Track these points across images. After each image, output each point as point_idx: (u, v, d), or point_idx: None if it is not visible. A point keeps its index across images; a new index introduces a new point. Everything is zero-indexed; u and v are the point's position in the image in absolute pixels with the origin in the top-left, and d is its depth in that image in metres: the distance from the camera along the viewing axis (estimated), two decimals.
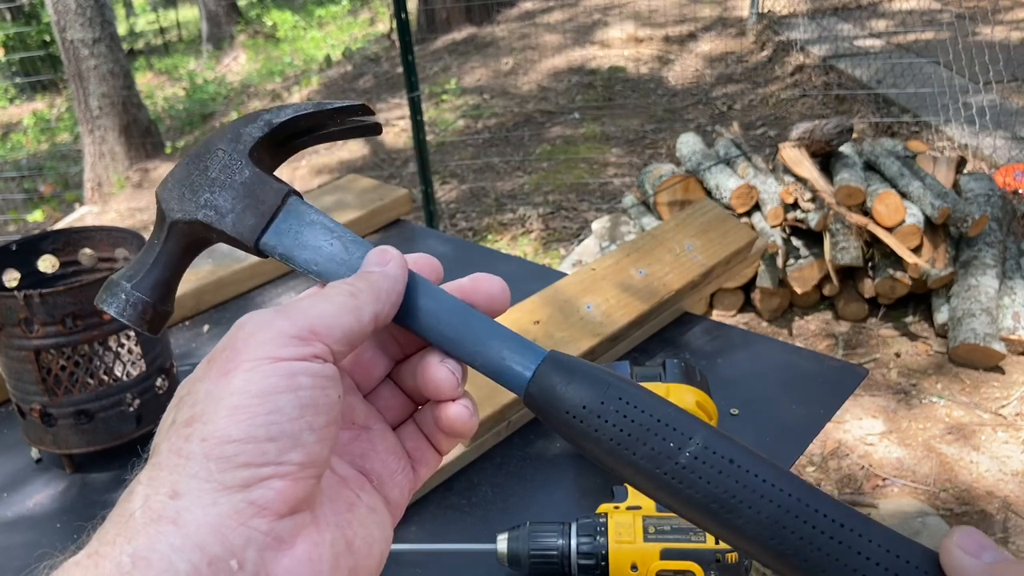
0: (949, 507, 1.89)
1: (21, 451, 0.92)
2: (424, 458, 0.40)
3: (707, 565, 0.65)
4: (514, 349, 0.37)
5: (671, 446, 0.33)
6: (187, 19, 11.23)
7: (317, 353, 0.32)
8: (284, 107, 0.41)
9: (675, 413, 0.35)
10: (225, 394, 0.30)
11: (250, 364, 0.31)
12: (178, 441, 0.30)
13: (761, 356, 1.01)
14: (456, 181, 4.14)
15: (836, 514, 0.32)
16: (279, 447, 0.30)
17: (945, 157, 2.75)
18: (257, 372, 0.31)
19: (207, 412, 0.30)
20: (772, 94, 4.55)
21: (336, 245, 0.38)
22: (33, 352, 0.82)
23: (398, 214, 1.39)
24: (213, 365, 0.32)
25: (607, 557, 0.66)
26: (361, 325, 0.34)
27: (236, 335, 0.33)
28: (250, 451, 0.29)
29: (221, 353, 0.32)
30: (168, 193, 0.40)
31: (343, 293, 0.35)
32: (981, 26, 4.61)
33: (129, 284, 0.39)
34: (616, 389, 0.35)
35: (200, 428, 0.30)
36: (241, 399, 0.30)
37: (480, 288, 0.38)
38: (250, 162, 0.39)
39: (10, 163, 6.34)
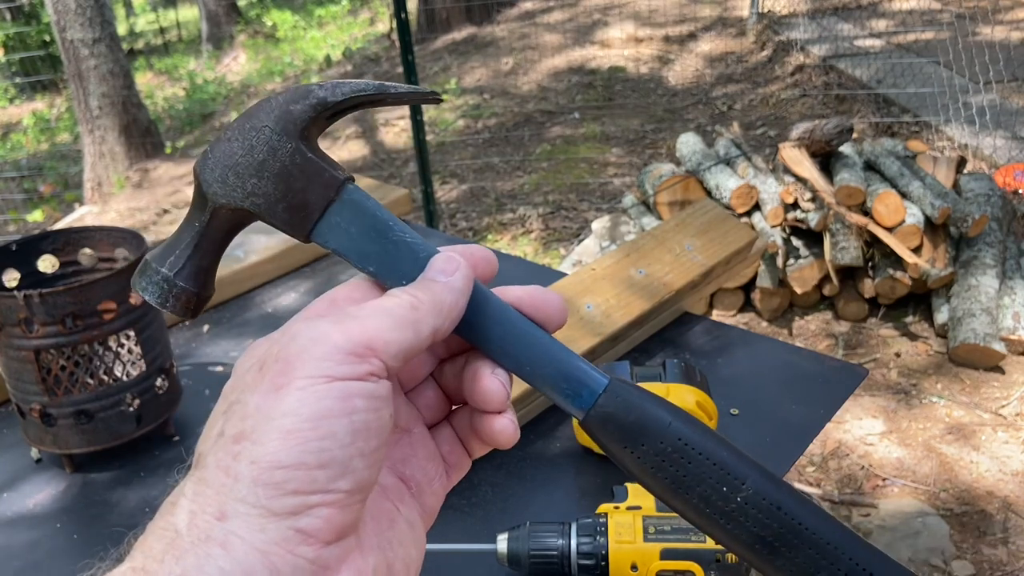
0: (949, 507, 1.89)
1: (21, 451, 0.92)
2: (458, 463, 0.39)
3: (707, 565, 0.65)
4: (576, 373, 0.36)
5: (724, 490, 0.35)
6: (187, 19, 11.23)
7: (373, 371, 0.31)
8: (340, 83, 0.37)
9: (730, 456, 0.35)
10: (277, 414, 0.29)
11: (303, 382, 0.30)
12: (226, 458, 0.29)
13: (761, 356, 1.00)
14: (456, 181, 4.14)
15: (868, 562, 0.34)
16: (329, 475, 0.29)
17: (945, 157, 2.75)
18: (311, 392, 0.30)
19: (258, 431, 0.29)
20: (772, 94, 4.55)
21: (393, 243, 0.35)
22: (33, 352, 0.81)
23: (398, 214, 1.39)
24: (265, 375, 0.31)
25: (607, 557, 0.66)
26: (419, 340, 0.33)
27: (290, 345, 0.31)
28: (300, 478, 0.29)
29: (274, 364, 0.31)
30: (211, 174, 0.35)
31: (403, 306, 0.33)
32: (981, 26, 4.61)
33: (171, 272, 0.36)
34: (676, 430, 0.35)
35: (250, 449, 0.29)
36: (294, 422, 0.29)
37: (539, 303, 0.37)
38: (301, 145, 0.35)
39: (10, 163, 6.34)
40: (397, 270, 0.35)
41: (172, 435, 0.93)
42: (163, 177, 5.24)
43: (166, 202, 4.79)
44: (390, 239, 0.36)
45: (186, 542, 0.28)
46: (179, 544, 0.28)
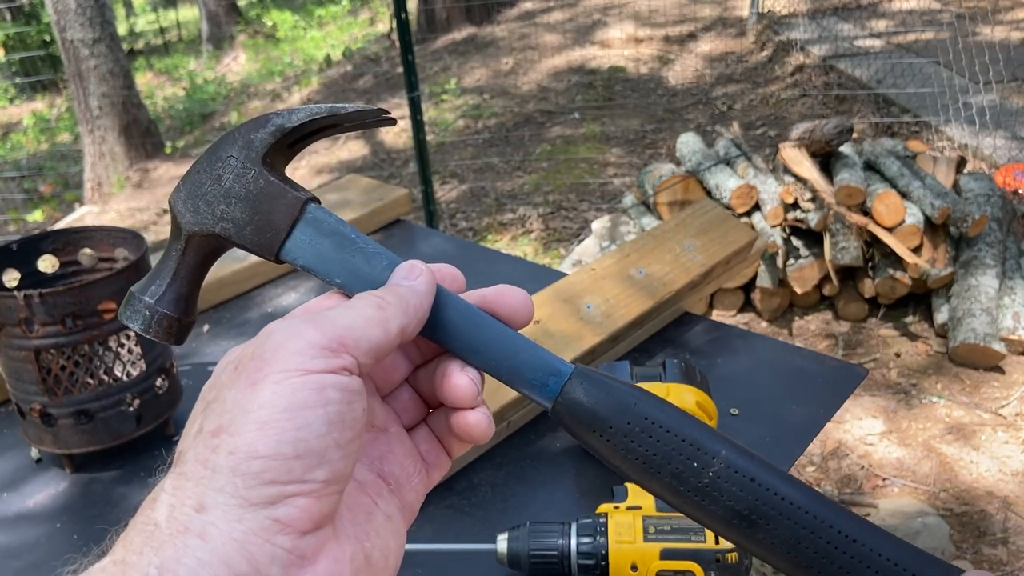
0: (949, 507, 1.89)
1: (21, 451, 0.92)
2: (437, 461, 0.40)
3: (707, 565, 0.65)
4: (541, 364, 0.37)
5: (695, 466, 0.35)
6: (187, 19, 11.23)
7: (345, 365, 0.32)
8: (296, 110, 0.40)
9: (699, 432, 0.35)
10: (253, 406, 0.30)
11: (279, 376, 0.31)
12: (204, 451, 0.30)
13: (761, 356, 1.00)
14: (456, 181, 4.14)
15: (850, 529, 0.34)
16: (305, 464, 0.30)
17: (945, 157, 2.75)
18: (286, 385, 0.30)
19: (235, 424, 0.30)
20: (772, 94, 4.55)
21: (358, 255, 0.38)
22: (33, 352, 0.81)
23: (398, 214, 1.39)
24: (241, 373, 0.32)
25: (607, 557, 0.66)
26: (388, 338, 0.34)
27: (265, 343, 0.32)
28: (277, 468, 0.29)
29: (250, 361, 0.32)
30: (183, 204, 0.39)
31: (371, 305, 0.35)
32: (981, 26, 4.61)
33: (152, 300, 0.38)
34: (642, 409, 0.36)
35: (227, 440, 0.30)
36: (270, 413, 0.30)
37: (504, 300, 0.39)
38: (264, 170, 0.38)
39: (10, 163, 6.34)
40: (364, 281, 0.37)
41: (172, 435, 0.93)
42: (163, 177, 5.24)
43: (166, 202, 4.78)
44: (354, 253, 0.38)
45: (165, 534, 0.28)
46: (158, 536, 0.28)
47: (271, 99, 6.63)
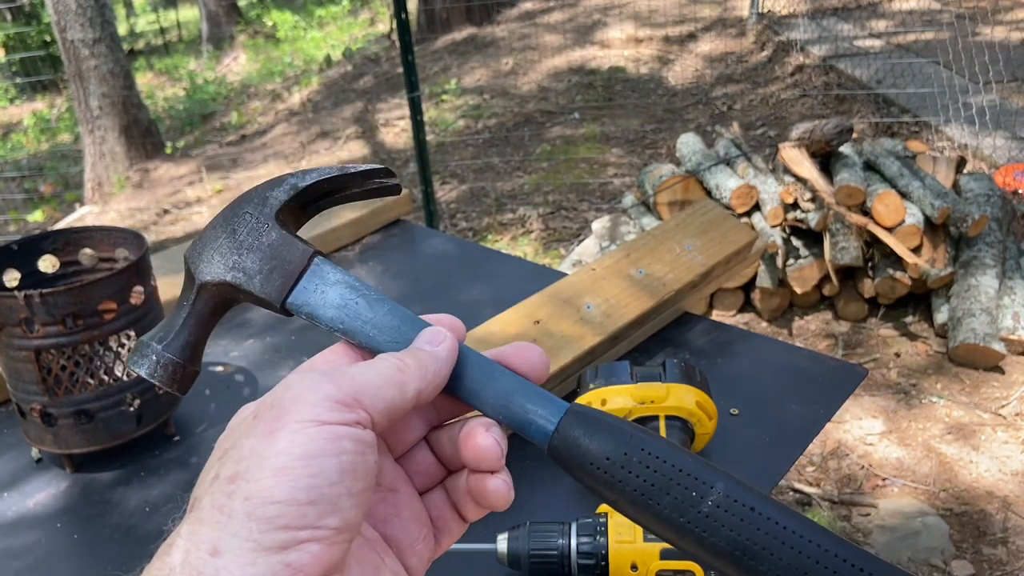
0: (949, 507, 1.89)
1: (21, 451, 0.92)
2: (448, 527, 0.40)
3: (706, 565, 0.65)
4: (536, 402, 0.38)
5: (693, 495, 0.34)
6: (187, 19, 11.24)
7: (360, 420, 0.33)
8: (309, 171, 0.43)
9: (696, 463, 0.35)
10: (270, 454, 0.31)
11: (296, 425, 0.32)
12: (221, 497, 0.31)
13: (761, 356, 1.01)
14: (456, 181, 4.15)
15: (856, 559, 0.33)
16: (318, 511, 0.30)
17: (945, 157, 2.75)
18: (302, 434, 0.31)
19: (251, 470, 0.31)
20: (772, 94, 4.55)
21: (361, 303, 0.39)
22: (33, 352, 0.82)
23: (398, 214, 1.39)
24: (259, 422, 0.33)
25: (607, 557, 0.66)
26: (404, 400, 0.35)
27: (283, 395, 0.33)
28: (291, 513, 0.30)
29: (268, 411, 0.33)
30: (197, 256, 0.41)
31: (391, 367, 0.35)
32: (981, 26, 4.61)
33: (160, 346, 0.40)
34: (638, 440, 0.36)
35: (244, 486, 0.30)
36: (286, 460, 0.31)
37: (521, 355, 0.39)
38: (276, 224, 0.40)
39: (10, 163, 6.35)
40: (366, 326, 0.39)
41: (172, 435, 0.93)
42: (163, 177, 5.24)
43: (166, 202, 4.79)
44: (357, 300, 0.39)
45: None
46: None
47: (271, 99, 6.63)
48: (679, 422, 0.78)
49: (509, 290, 1.13)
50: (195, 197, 4.76)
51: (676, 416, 0.78)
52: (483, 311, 1.04)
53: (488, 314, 0.96)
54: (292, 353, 1.06)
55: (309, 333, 1.10)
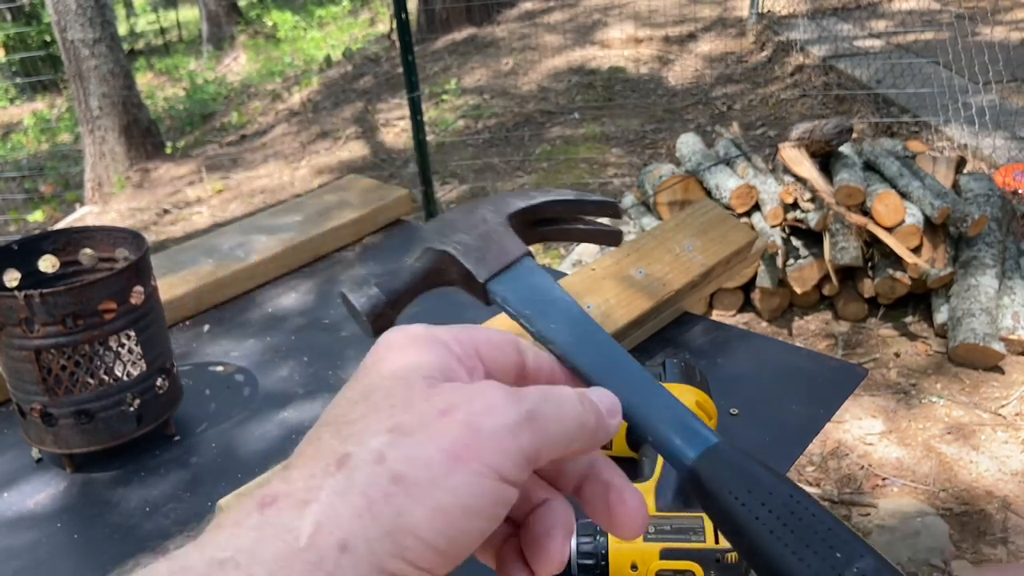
0: (948, 507, 1.89)
1: (21, 451, 0.92)
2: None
3: (707, 565, 0.65)
4: (689, 425, 0.37)
5: (838, 556, 0.31)
6: (187, 19, 11.24)
7: (524, 481, 0.30)
8: (549, 190, 0.48)
9: (846, 528, 0.33)
10: (444, 484, 0.27)
11: (482, 468, 0.28)
12: (376, 492, 0.27)
13: (761, 356, 1.01)
14: (456, 181, 4.15)
15: None
16: (439, 563, 0.28)
17: (945, 157, 2.75)
18: (479, 485, 0.28)
19: (418, 488, 0.27)
20: (772, 94, 4.55)
21: (550, 307, 0.41)
22: (33, 352, 0.82)
23: (399, 214, 1.39)
24: (446, 418, 0.29)
25: (607, 557, 0.66)
26: (561, 455, 0.32)
27: (475, 404, 0.29)
28: (421, 554, 0.27)
29: (457, 413, 0.29)
30: (431, 228, 0.47)
31: (575, 422, 0.32)
32: (981, 26, 4.61)
33: (377, 288, 0.44)
34: (787, 485, 0.34)
35: (402, 501, 0.27)
36: (452, 502, 0.27)
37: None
38: (504, 221, 0.46)
39: (11, 163, 6.35)
40: (547, 329, 0.40)
41: (172, 435, 0.93)
42: (163, 177, 5.24)
43: (166, 202, 4.79)
44: (548, 304, 0.42)
45: (300, 559, 0.26)
46: (293, 557, 0.26)
47: (271, 99, 6.63)
48: None
49: None
50: (195, 197, 4.76)
51: None
52: (483, 312, 1.04)
53: (487, 315, 0.96)
54: (292, 353, 1.06)
55: (310, 333, 1.10)
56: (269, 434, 0.91)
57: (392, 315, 0.44)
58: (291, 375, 1.02)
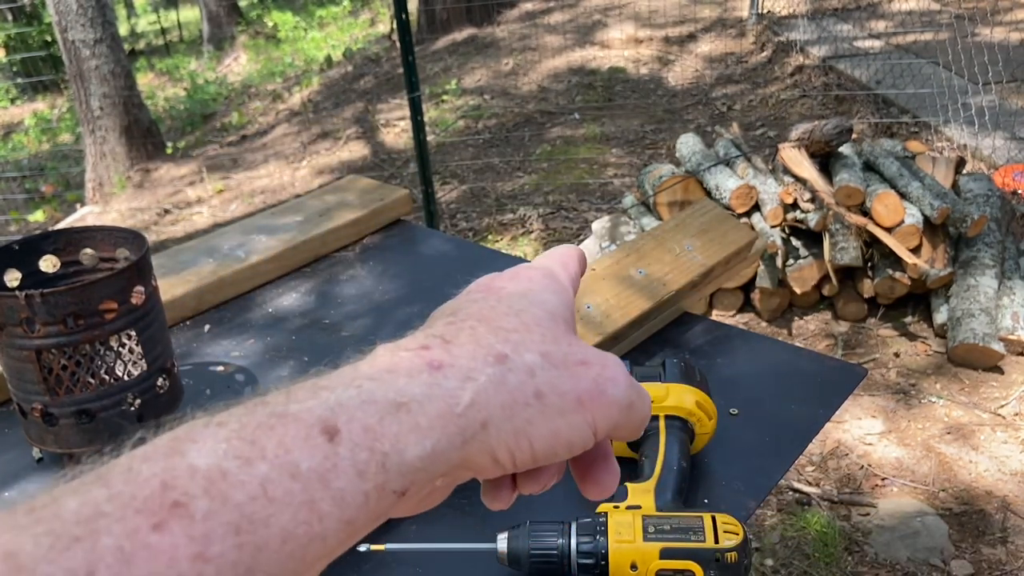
0: (948, 507, 1.89)
1: (22, 451, 0.92)
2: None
3: (707, 564, 0.65)
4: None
5: None
6: (188, 20, 11.25)
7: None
8: None
9: None
10: (566, 415, 0.32)
11: (590, 418, 0.33)
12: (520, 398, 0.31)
13: (761, 356, 1.01)
14: (456, 181, 4.15)
15: None
16: (526, 465, 0.32)
17: (944, 157, 2.76)
18: (584, 430, 0.33)
19: (548, 411, 0.32)
20: (772, 95, 4.55)
21: None
22: (34, 352, 0.82)
23: (399, 214, 1.40)
24: (585, 372, 0.33)
25: (607, 556, 0.67)
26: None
27: (606, 370, 0.34)
28: (525, 455, 0.32)
29: (592, 367, 0.33)
30: None
31: (633, 435, 0.36)
32: (980, 27, 4.61)
33: None
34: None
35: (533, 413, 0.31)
36: (564, 431, 0.32)
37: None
38: None
39: (11, 163, 6.35)
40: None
41: None
42: (164, 177, 5.24)
43: (167, 202, 4.79)
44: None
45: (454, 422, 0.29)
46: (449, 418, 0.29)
47: (272, 99, 6.63)
48: (679, 422, 0.78)
49: None
50: (196, 197, 4.77)
51: (676, 416, 0.78)
52: None
53: None
54: (292, 353, 1.06)
55: (310, 333, 1.11)
56: None
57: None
58: (291, 375, 1.02)
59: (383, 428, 0.27)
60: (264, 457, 0.25)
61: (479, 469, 0.31)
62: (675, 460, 0.74)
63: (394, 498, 0.28)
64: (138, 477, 0.24)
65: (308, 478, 0.25)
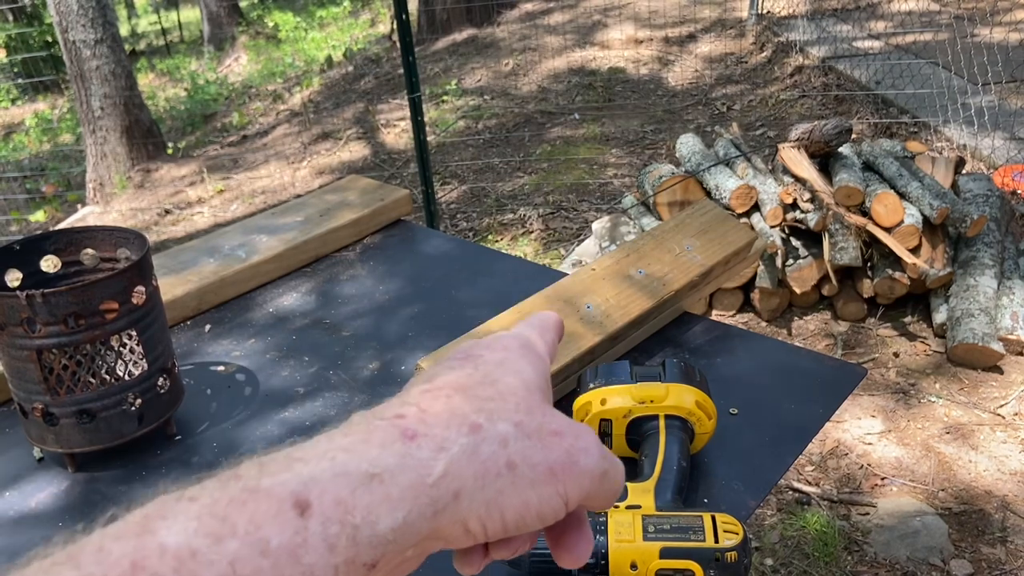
0: (948, 506, 1.89)
1: (23, 450, 0.93)
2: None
3: (706, 564, 0.65)
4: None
5: None
6: (189, 20, 11.25)
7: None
8: None
9: None
10: (537, 486, 0.32)
11: (562, 490, 0.33)
12: (492, 469, 0.31)
13: (760, 356, 1.01)
14: (456, 182, 4.15)
15: None
16: (497, 535, 0.32)
17: (944, 157, 2.76)
18: (556, 501, 0.33)
19: (520, 482, 0.32)
20: (771, 95, 4.56)
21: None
22: (35, 352, 0.82)
23: (399, 214, 1.40)
24: (558, 443, 0.33)
25: (607, 556, 0.67)
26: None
27: (579, 440, 0.34)
28: (496, 525, 0.32)
29: (564, 438, 0.33)
30: None
31: (605, 506, 0.36)
32: (979, 27, 4.61)
33: None
34: None
35: (505, 484, 0.31)
36: (535, 503, 0.32)
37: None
38: None
39: (12, 163, 6.36)
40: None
41: (174, 434, 0.93)
42: (165, 177, 5.24)
43: (168, 202, 4.79)
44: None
45: (426, 493, 0.30)
46: (421, 489, 0.30)
47: (272, 100, 6.64)
48: (678, 421, 0.78)
49: (509, 290, 1.14)
50: (196, 197, 4.77)
51: (675, 415, 0.78)
52: (483, 311, 1.04)
53: (488, 314, 0.97)
54: (293, 353, 1.07)
55: (310, 333, 1.11)
56: (270, 433, 0.92)
57: None
58: (292, 375, 1.02)
59: (355, 500, 0.28)
60: (235, 534, 0.25)
61: (451, 539, 0.31)
62: (675, 460, 0.75)
63: (364, 571, 0.28)
64: (109, 557, 0.24)
65: (278, 555, 0.25)
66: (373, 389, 0.98)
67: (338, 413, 0.93)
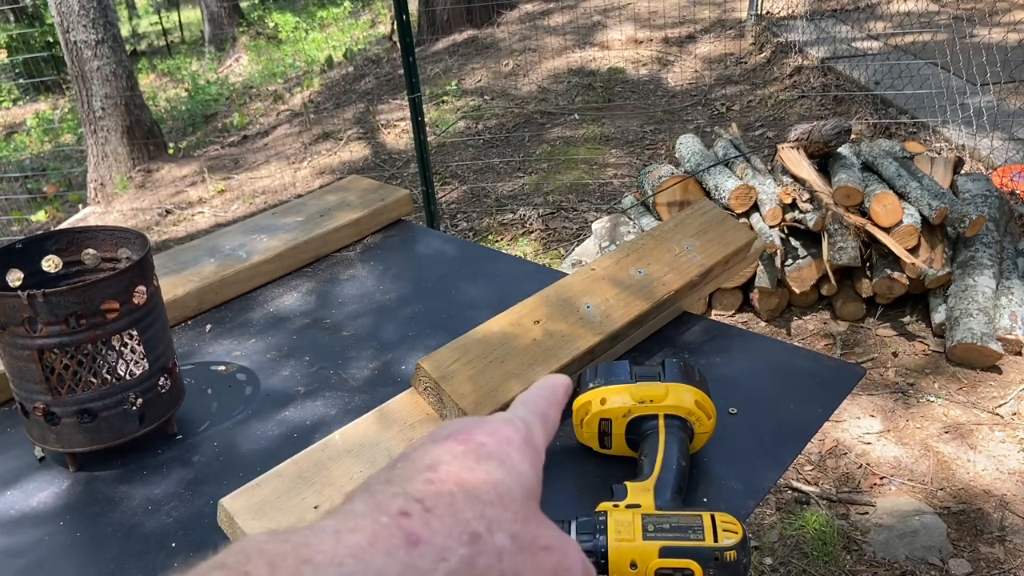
0: (947, 506, 1.89)
1: (24, 450, 0.93)
2: None
3: (706, 563, 0.65)
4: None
5: None
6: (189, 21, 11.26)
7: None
8: None
9: None
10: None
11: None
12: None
13: (760, 356, 1.01)
14: (457, 182, 4.15)
15: None
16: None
17: (943, 158, 2.76)
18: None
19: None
20: (771, 95, 4.56)
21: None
22: (36, 351, 0.82)
23: (399, 214, 1.40)
24: (547, 558, 0.34)
25: (607, 555, 0.67)
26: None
27: (566, 557, 0.35)
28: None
29: (553, 554, 0.35)
30: None
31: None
32: (978, 28, 4.62)
33: None
34: None
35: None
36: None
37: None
38: None
39: (14, 164, 6.36)
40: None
41: (174, 434, 0.94)
42: (166, 178, 5.24)
43: (169, 202, 4.80)
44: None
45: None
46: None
47: (273, 100, 6.64)
48: (678, 421, 0.79)
49: (509, 290, 1.14)
50: (197, 197, 4.77)
51: (675, 415, 0.79)
52: (483, 311, 1.05)
53: (488, 314, 0.97)
54: (294, 353, 1.07)
55: (311, 333, 1.11)
56: (270, 433, 0.92)
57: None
58: (292, 375, 1.02)
59: None
60: None
61: None
62: (674, 459, 0.75)
63: None
64: None
65: None
66: (373, 389, 0.98)
67: (338, 413, 0.94)
